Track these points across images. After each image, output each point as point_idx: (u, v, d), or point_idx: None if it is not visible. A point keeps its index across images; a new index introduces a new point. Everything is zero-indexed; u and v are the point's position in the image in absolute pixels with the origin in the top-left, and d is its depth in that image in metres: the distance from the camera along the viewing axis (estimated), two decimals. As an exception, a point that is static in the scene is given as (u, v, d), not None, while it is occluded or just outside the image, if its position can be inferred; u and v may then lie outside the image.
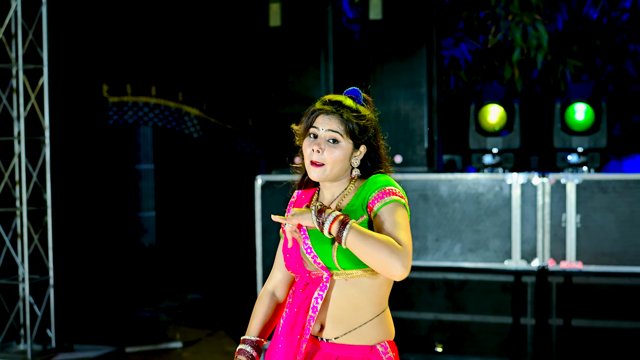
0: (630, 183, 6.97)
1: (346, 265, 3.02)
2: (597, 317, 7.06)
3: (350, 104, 3.14)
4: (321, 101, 3.18)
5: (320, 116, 3.12)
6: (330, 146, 3.09)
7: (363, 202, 3.07)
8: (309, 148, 3.12)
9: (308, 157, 3.13)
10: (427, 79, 7.60)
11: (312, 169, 3.12)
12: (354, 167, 3.17)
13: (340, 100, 3.15)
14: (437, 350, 7.35)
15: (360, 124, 3.12)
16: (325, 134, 3.10)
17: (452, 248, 7.29)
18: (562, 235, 7.07)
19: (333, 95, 3.20)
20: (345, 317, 3.08)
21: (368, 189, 3.08)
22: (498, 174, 7.27)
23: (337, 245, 3.00)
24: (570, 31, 9.94)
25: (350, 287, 3.06)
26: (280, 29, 7.89)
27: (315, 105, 3.18)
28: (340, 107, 3.12)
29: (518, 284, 7.18)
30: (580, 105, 7.35)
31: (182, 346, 8.35)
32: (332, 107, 3.12)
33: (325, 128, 3.10)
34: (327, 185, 3.20)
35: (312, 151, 3.11)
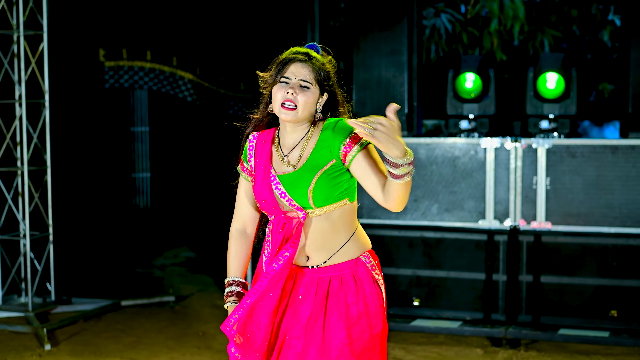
0: (597, 148, 7.32)
1: (320, 203, 3.34)
2: (564, 274, 7.42)
3: (316, 55, 3.44)
4: (291, 52, 3.45)
5: (292, 65, 3.38)
6: (302, 90, 3.37)
7: (332, 147, 3.33)
8: (282, 91, 3.36)
9: (280, 99, 3.36)
10: (408, 47, 7.90)
11: (284, 111, 3.36)
12: (318, 111, 3.45)
13: (308, 52, 3.43)
14: (414, 304, 7.70)
15: (324, 72, 3.42)
16: (297, 81, 3.37)
17: (429, 208, 7.64)
18: (532, 197, 7.43)
19: (299, 48, 3.48)
20: (326, 244, 3.40)
21: (335, 135, 3.34)
22: (473, 138, 7.60)
23: (312, 189, 3.32)
24: (549, 2, 10.21)
25: (324, 220, 3.38)
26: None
27: (285, 55, 3.44)
28: (309, 57, 3.41)
29: (491, 242, 7.53)
30: (551, 74, 7.64)
31: (175, 300, 8.68)
32: (303, 56, 3.40)
33: (299, 76, 3.37)
34: (290, 130, 3.45)
35: (285, 93, 3.35)
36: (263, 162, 3.49)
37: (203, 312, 8.24)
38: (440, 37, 9.93)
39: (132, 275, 9.91)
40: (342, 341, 3.35)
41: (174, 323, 7.91)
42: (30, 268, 8.02)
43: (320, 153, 3.38)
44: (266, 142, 3.53)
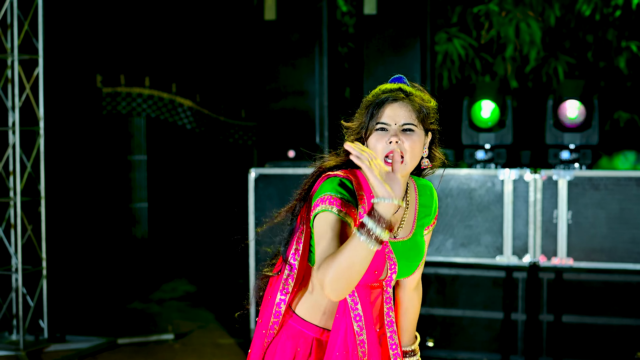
0: (621, 180, 7.02)
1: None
2: (587, 314, 7.10)
3: (414, 90, 2.94)
4: (381, 90, 2.94)
5: (389, 107, 2.87)
6: (406, 135, 2.84)
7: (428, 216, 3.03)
8: (383, 141, 2.82)
9: (380, 153, 2.81)
10: (421, 73, 7.64)
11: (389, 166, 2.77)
12: (424, 157, 2.93)
13: (402, 87, 2.93)
14: (428, 344, 7.39)
15: (426, 109, 2.90)
16: (397, 127, 2.84)
17: (444, 243, 7.33)
18: (553, 231, 7.11)
19: (389, 85, 2.96)
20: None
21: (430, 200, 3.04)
22: (490, 169, 7.32)
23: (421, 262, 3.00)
24: (563, 27, 9.99)
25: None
26: (275, 23, 7.90)
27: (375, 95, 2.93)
28: (406, 93, 2.90)
29: (509, 279, 7.22)
30: (571, 102, 7.38)
31: (174, 338, 8.37)
32: (399, 93, 2.89)
33: (400, 122, 2.84)
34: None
35: (388, 143, 2.82)
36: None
37: (204, 351, 7.94)
38: (452, 63, 9.65)
39: (129, 310, 9.62)
40: None
41: (174, 363, 7.61)
42: (22, 304, 7.76)
43: (424, 220, 3.02)
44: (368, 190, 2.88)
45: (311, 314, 2.98)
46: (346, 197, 2.79)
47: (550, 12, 9.59)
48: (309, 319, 2.99)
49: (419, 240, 2.95)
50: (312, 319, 2.98)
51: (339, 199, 2.77)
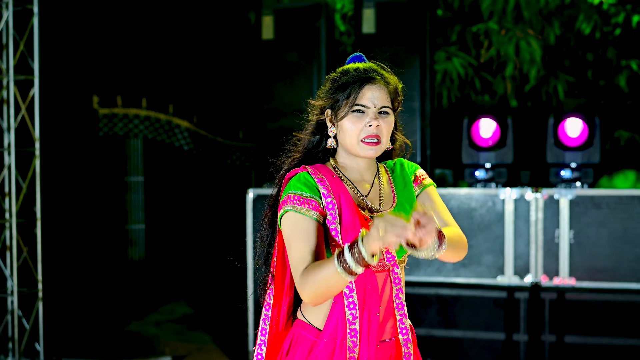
0: (623, 199, 6.96)
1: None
2: (590, 334, 7.03)
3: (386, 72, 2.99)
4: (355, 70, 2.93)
5: (366, 88, 2.89)
6: (382, 119, 2.89)
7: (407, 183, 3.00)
8: (360, 123, 2.86)
9: (358, 134, 2.86)
10: (420, 93, 7.60)
11: (367, 147, 2.88)
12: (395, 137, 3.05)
13: (375, 68, 2.96)
14: (429, 365, 7.33)
15: (398, 91, 3.00)
16: (375, 110, 2.88)
17: (444, 263, 7.26)
18: (555, 251, 7.06)
19: (360, 64, 2.97)
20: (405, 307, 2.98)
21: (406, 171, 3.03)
22: (491, 189, 7.26)
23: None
24: (563, 46, 9.97)
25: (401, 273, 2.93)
26: (272, 42, 7.87)
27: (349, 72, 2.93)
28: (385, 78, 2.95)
29: (511, 299, 7.15)
30: (573, 120, 7.33)
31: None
32: (376, 74, 2.92)
33: (378, 105, 2.88)
34: (366, 166, 2.98)
35: (368, 126, 2.86)
36: (347, 201, 2.85)
37: (202, 374, 7.87)
38: (452, 82, 9.62)
39: (126, 333, 9.53)
40: None
41: (171, 386, 7.53)
42: (17, 327, 7.71)
43: (405, 186, 3.01)
44: (334, 177, 2.93)
45: (314, 316, 2.95)
46: (307, 192, 2.82)
47: (550, 31, 9.57)
48: (314, 322, 2.94)
49: (406, 209, 2.94)
50: (315, 321, 2.94)
51: (298, 196, 2.80)
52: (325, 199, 2.84)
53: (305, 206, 2.81)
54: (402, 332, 2.95)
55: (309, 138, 3.01)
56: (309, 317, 2.94)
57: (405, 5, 7.63)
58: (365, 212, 2.87)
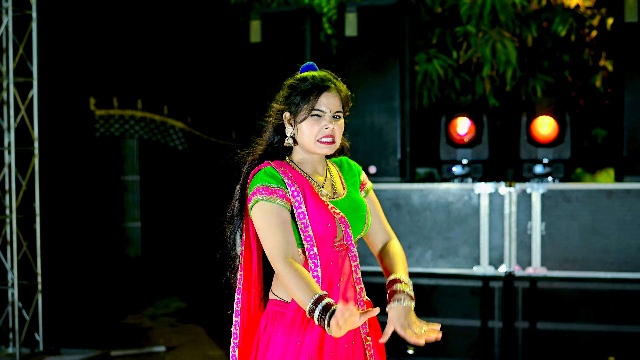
0: (592, 192, 7.25)
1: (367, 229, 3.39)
2: (561, 320, 7.31)
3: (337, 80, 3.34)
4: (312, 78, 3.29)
5: (323, 96, 3.27)
6: (336, 123, 3.29)
7: (356, 178, 3.43)
8: (318, 126, 3.25)
9: (316, 135, 3.25)
10: (400, 93, 7.85)
11: (323, 146, 3.26)
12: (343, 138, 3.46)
13: (330, 77, 3.32)
14: (409, 352, 7.56)
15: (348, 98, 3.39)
16: (330, 114, 3.28)
17: (423, 255, 7.56)
18: (527, 242, 7.35)
19: (318, 72, 3.33)
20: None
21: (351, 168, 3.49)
22: (467, 184, 7.55)
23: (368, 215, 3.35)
24: (540, 47, 10.23)
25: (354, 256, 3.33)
26: (260, 45, 8.13)
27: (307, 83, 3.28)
28: (337, 86, 3.31)
29: (486, 288, 7.44)
30: (544, 118, 7.61)
31: (165, 350, 8.51)
32: (332, 85, 3.29)
33: (333, 111, 3.27)
34: (318, 160, 3.37)
35: (324, 129, 3.26)
36: (309, 189, 3.29)
37: (194, 362, 8.12)
38: (432, 82, 9.90)
39: (123, 325, 9.76)
40: None
41: (165, 373, 7.77)
42: (18, 318, 7.91)
43: (352, 181, 3.42)
44: (294, 170, 3.35)
45: (284, 292, 3.31)
46: (273, 183, 3.23)
47: (528, 33, 9.85)
48: (285, 297, 3.30)
49: (355, 197, 3.36)
50: (286, 296, 3.30)
51: (266, 187, 3.21)
52: (290, 187, 3.24)
53: (273, 195, 3.19)
54: (361, 304, 3.35)
55: (270, 137, 3.41)
56: (280, 294, 3.30)
57: (386, 10, 7.88)
58: (324, 198, 3.28)
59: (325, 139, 3.27)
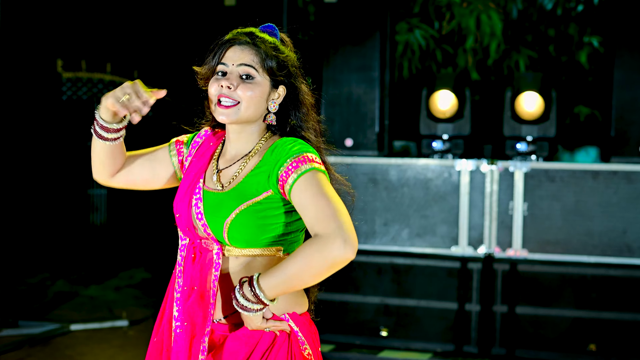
0: (577, 173, 7.03)
1: (239, 244, 2.61)
2: (541, 305, 7.11)
3: (266, 36, 2.68)
4: (231, 33, 2.70)
5: (230, 49, 2.66)
6: (244, 82, 2.62)
7: (271, 172, 2.58)
8: (216, 85, 2.64)
9: (215, 96, 2.64)
10: (380, 63, 7.61)
11: (220, 111, 2.64)
12: (271, 111, 2.70)
13: (254, 31, 2.70)
14: (382, 334, 7.37)
15: (279, 58, 2.66)
16: (237, 69, 2.63)
17: (399, 233, 7.31)
18: (509, 222, 7.12)
19: (244, 28, 2.73)
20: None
21: (277, 156, 2.58)
22: (447, 160, 7.31)
23: (229, 223, 2.57)
24: (525, 20, 10.02)
25: (244, 263, 2.63)
26: (235, 8, 7.85)
27: (223, 38, 2.70)
28: (255, 38, 2.66)
29: (464, 270, 7.21)
30: (530, 94, 7.38)
31: (129, 325, 8.31)
32: (245, 37, 2.65)
33: (237, 62, 2.63)
34: (234, 137, 2.73)
35: (220, 87, 2.62)
36: (197, 167, 2.76)
37: (158, 338, 7.85)
38: (413, 53, 9.63)
39: (85, 297, 9.53)
40: None
41: (126, 349, 7.53)
42: (-27, 288, 7.66)
43: (256, 178, 2.62)
44: (213, 145, 2.82)
45: None
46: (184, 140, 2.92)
47: (512, 5, 9.61)
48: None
49: (228, 194, 2.63)
50: None
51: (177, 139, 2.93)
52: (188, 156, 2.85)
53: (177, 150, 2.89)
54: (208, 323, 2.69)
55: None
56: None
57: (368, -24, 7.65)
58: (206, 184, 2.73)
59: (223, 100, 2.63)
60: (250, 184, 2.61)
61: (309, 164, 2.53)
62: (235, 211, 2.56)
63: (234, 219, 2.56)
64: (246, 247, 2.60)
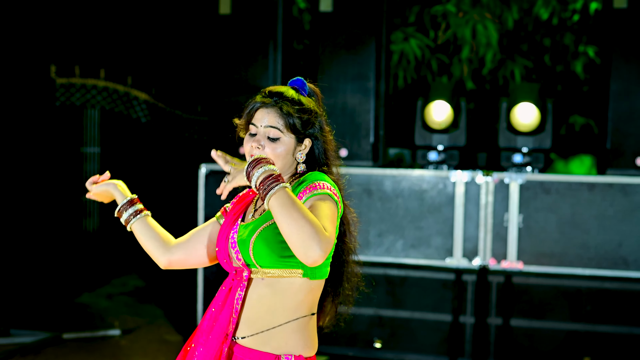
0: (572, 185, 7.00)
1: (263, 262, 2.86)
2: (536, 318, 7.08)
3: (293, 95, 2.96)
4: (261, 93, 2.99)
5: (259, 111, 2.94)
6: (270, 142, 2.93)
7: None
8: (248, 145, 2.95)
9: (247, 153, 2.95)
10: (375, 72, 7.58)
11: None
12: (299, 162, 3.01)
13: (282, 92, 2.96)
14: (375, 345, 7.33)
15: (302, 117, 2.95)
16: (264, 130, 2.93)
17: (394, 244, 7.27)
18: (504, 234, 7.08)
19: (275, 87, 2.99)
20: (258, 319, 2.90)
21: (301, 185, 2.91)
22: (442, 171, 7.27)
23: (254, 239, 2.86)
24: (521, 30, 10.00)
25: (265, 287, 2.90)
26: (230, 17, 7.81)
27: (254, 98, 2.99)
28: (279, 100, 2.94)
29: (459, 282, 7.18)
30: (525, 105, 7.35)
31: (121, 334, 8.26)
32: (271, 99, 2.94)
33: (264, 124, 2.93)
34: None
35: (251, 147, 2.93)
36: (237, 209, 3.09)
37: (150, 348, 7.83)
38: (408, 63, 9.61)
39: (77, 305, 9.49)
40: None
41: (118, 359, 7.46)
42: (-36, 297, 7.60)
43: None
44: (253, 194, 3.14)
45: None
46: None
47: (508, 15, 9.58)
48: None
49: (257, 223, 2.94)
50: None
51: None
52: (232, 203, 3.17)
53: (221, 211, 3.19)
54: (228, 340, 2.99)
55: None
56: None
57: (363, -15, 7.62)
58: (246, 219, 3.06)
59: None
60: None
61: (325, 189, 2.88)
62: (258, 230, 2.87)
63: (258, 237, 2.86)
64: (269, 267, 2.87)
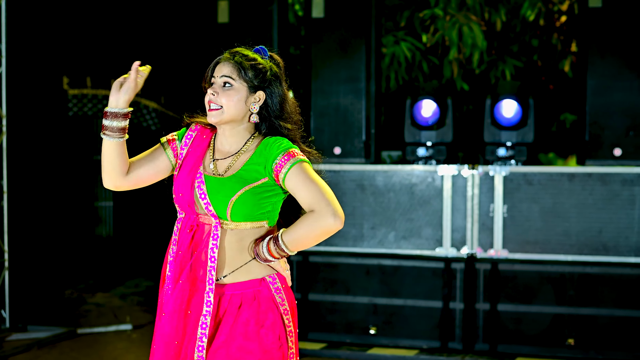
0: (553, 176, 7.33)
1: (238, 218, 3.21)
2: (521, 302, 7.40)
3: (248, 53, 3.33)
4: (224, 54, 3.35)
5: (218, 65, 3.30)
6: (224, 90, 3.24)
7: (266, 164, 3.21)
8: (208, 94, 3.28)
9: (206, 102, 3.28)
10: (366, 74, 7.91)
11: (210, 114, 3.25)
12: (252, 112, 3.29)
13: (239, 50, 3.34)
14: (371, 332, 7.65)
15: (255, 68, 3.27)
16: (220, 80, 3.26)
17: (386, 236, 7.62)
18: (489, 224, 7.43)
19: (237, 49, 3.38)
20: (232, 259, 3.25)
21: (270, 151, 3.22)
22: (431, 166, 7.61)
23: (234, 201, 3.18)
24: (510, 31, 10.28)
25: (235, 235, 3.24)
26: (227, 26, 8.14)
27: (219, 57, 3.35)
28: (236, 54, 3.30)
29: (448, 270, 7.51)
30: (508, 101, 7.67)
31: (132, 328, 8.57)
32: (228, 54, 3.31)
33: (219, 74, 3.26)
34: (226, 133, 3.32)
35: (208, 95, 3.26)
36: (195, 156, 3.35)
37: (159, 340, 8.12)
38: (399, 65, 9.95)
39: (92, 304, 9.80)
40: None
41: (130, 351, 7.80)
42: (-16, 295, 7.89)
43: (252, 168, 3.24)
44: (206, 137, 3.40)
45: None
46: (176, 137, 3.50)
47: (497, 17, 9.90)
48: None
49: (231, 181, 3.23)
50: None
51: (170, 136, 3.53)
52: (182, 148, 3.42)
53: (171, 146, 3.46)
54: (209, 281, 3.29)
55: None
56: None
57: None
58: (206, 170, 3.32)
59: (211, 106, 3.28)
60: (248, 172, 3.24)
61: (296, 156, 3.21)
62: (239, 192, 3.20)
63: (238, 198, 3.19)
64: (242, 221, 3.23)
